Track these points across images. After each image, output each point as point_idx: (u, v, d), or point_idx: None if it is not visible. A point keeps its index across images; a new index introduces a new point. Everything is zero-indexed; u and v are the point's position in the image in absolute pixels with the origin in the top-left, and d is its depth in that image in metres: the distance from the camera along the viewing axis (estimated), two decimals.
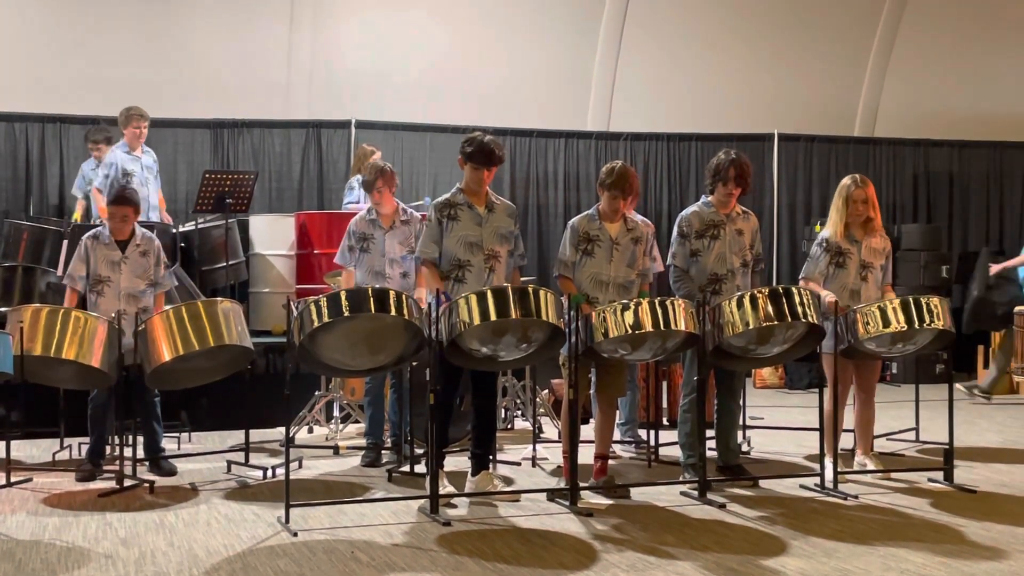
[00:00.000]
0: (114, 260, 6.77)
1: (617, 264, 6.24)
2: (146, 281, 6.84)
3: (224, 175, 9.29)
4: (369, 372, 6.41)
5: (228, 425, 8.27)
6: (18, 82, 10.94)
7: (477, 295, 5.56)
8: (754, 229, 6.65)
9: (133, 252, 6.82)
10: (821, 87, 13.29)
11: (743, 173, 6.46)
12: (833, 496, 6.15)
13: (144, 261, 6.84)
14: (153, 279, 6.87)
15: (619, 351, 6.04)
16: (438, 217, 6.12)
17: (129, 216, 6.81)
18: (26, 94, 10.92)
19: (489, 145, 6.08)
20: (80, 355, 6.12)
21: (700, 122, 12.93)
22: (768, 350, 6.28)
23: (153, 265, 6.87)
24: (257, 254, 9.75)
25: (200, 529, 5.44)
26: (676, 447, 6.69)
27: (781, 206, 13.15)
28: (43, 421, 7.78)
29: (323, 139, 11.87)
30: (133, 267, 6.80)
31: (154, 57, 11.21)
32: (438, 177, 11.93)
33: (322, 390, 8.31)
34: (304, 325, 5.53)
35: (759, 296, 5.97)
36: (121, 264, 6.78)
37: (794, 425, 8.48)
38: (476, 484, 6.10)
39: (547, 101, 12.56)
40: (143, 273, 6.83)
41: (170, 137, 11.43)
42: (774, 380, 11.63)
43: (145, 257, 6.85)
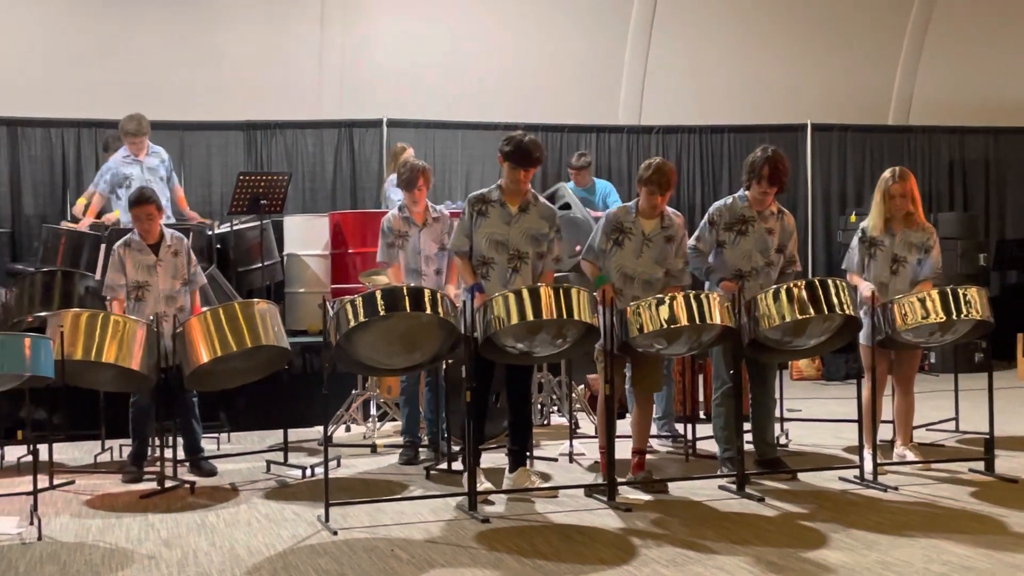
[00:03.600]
0: (149, 264, 6.83)
1: (645, 260, 6.22)
2: (181, 281, 6.90)
3: (258, 176, 9.34)
4: (405, 370, 6.43)
5: (266, 425, 8.32)
6: (54, 88, 11.05)
7: (514, 294, 5.57)
8: (788, 230, 6.58)
9: (166, 254, 6.88)
10: (854, 76, 13.19)
11: (777, 171, 6.38)
12: (873, 488, 6.12)
13: (177, 261, 6.90)
14: (187, 277, 6.93)
15: (654, 346, 6.04)
16: (470, 211, 6.13)
17: (154, 214, 6.85)
18: (62, 100, 11.02)
19: (527, 145, 6.05)
20: (120, 358, 6.17)
21: (732, 114, 12.87)
22: (805, 342, 6.25)
23: (185, 264, 6.93)
24: (292, 254, 9.80)
25: (241, 529, 5.48)
26: (713, 441, 6.67)
27: (815, 197, 13.07)
28: (84, 424, 7.85)
29: (355, 138, 11.92)
30: (168, 268, 6.86)
31: (187, 60, 11.29)
32: (470, 174, 11.95)
33: (359, 389, 8.35)
34: (340, 324, 5.55)
35: (795, 289, 5.94)
36: (156, 267, 6.84)
37: (832, 417, 8.43)
38: (514, 481, 6.11)
39: (578, 95, 12.55)
40: (178, 273, 6.89)
41: (203, 140, 11.52)
42: (811, 372, 11.57)
43: (177, 257, 6.91)
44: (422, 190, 7.09)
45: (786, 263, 6.58)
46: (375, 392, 8.29)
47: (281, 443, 7.06)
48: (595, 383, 8.44)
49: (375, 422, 8.31)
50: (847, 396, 8.89)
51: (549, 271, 6.23)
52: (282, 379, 7.02)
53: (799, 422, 8.24)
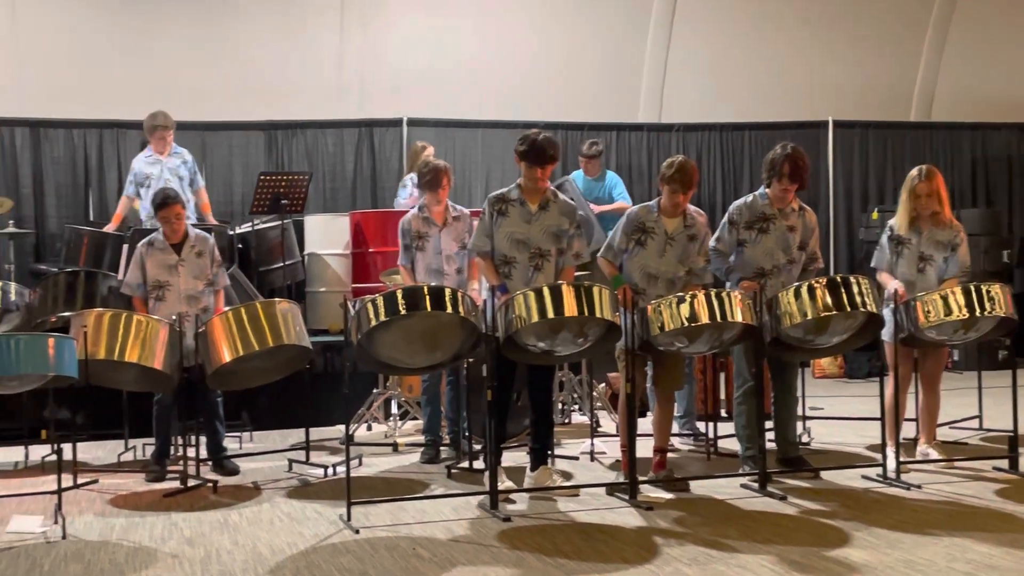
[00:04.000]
0: (170, 264, 6.86)
1: (668, 259, 6.21)
2: (204, 281, 6.93)
3: (279, 177, 9.38)
4: (426, 369, 6.44)
5: (288, 424, 8.36)
6: (75, 89, 11.11)
7: (534, 292, 5.58)
8: (810, 227, 6.54)
9: (189, 254, 6.90)
10: (876, 72, 13.14)
11: (798, 169, 6.35)
12: (896, 486, 6.09)
13: (200, 262, 6.93)
14: (211, 278, 6.96)
15: (676, 344, 6.03)
16: (490, 211, 6.13)
17: (180, 214, 6.89)
18: (83, 101, 11.09)
19: (542, 143, 6.05)
20: (142, 358, 6.21)
21: (753, 111, 12.84)
22: (827, 340, 6.23)
23: (209, 264, 6.95)
24: (313, 254, 9.83)
25: (264, 528, 5.51)
26: (735, 439, 6.65)
27: (837, 194, 13.03)
28: (108, 423, 7.90)
29: (375, 138, 11.94)
30: (190, 268, 6.89)
31: (207, 61, 11.34)
32: (490, 173, 11.96)
33: (380, 388, 8.37)
34: (361, 324, 5.57)
35: (817, 286, 5.93)
36: (178, 267, 6.87)
37: (854, 415, 8.40)
38: (535, 479, 6.12)
39: (598, 94, 12.54)
40: (200, 273, 6.92)
41: (225, 140, 11.56)
42: (833, 370, 11.53)
43: (201, 258, 6.93)
44: (446, 189, 7.10)
45: (808, 260, 6.56)
46: (396, 391, 8.31)
47: (303, 442, 7.08)
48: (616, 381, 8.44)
49: (396, 421, 8.33)
50: (869, 394, 8.86)
51: (570, 267, 6.23)
52: (304, 378, 7.04)
53: (821, 420, 8.22)
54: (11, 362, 5.36)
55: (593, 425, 7.55)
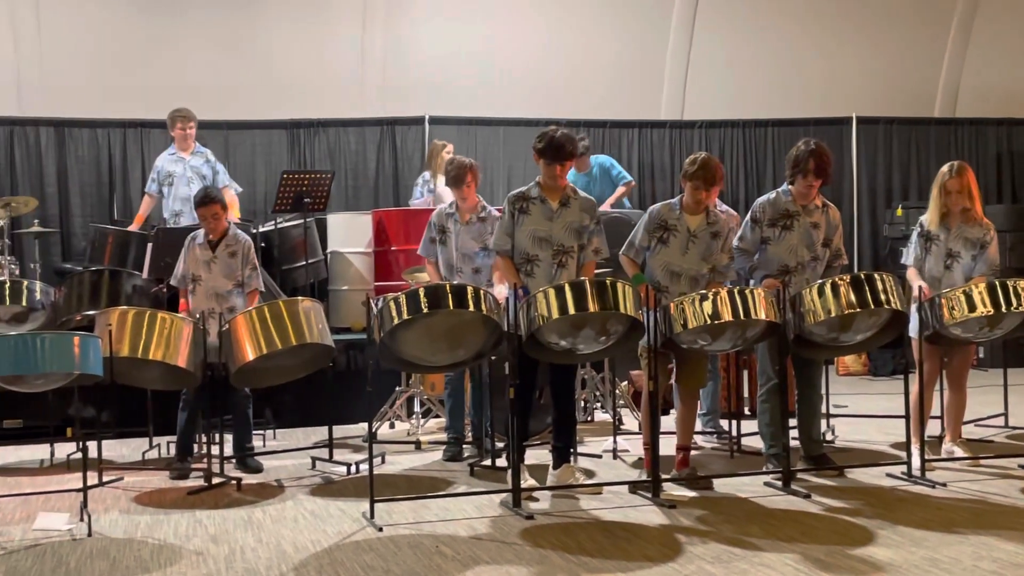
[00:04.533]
0: (205, 259, 6.94)
1: (691, 256, 6.18)
2: (233, 282, 6.96)
3: (302, 175, 9.41)
4: (449, 367, 6.45)
5: (311, 422, 8.39)
6: (99, 89, 11.19)
7: (555, 289, 5.57)
8: (833, 223, 6.51)
9: (222, 252, 6.96)
10: (899, 67, 13.06)
11: (823, 164, 6.32)
12: (921, 484, 6.06)
13: (232, 262, 6.97)
14: (241, 279, 6.99)
15: (698, 342, 6.01)
16: (510, 210, 6.13)
17: (219, 214, 6.94)
18: (107, 101, 11.16)
19: (560, 140, 6.05)
20: (166, 356, 6.24)
21: (776, 107, 12.79)
22: (851, 337, 6.20)
23: (240, 266, 6.99)
24: (335, 252, 9.86)
25: (287, 525, 5.53)
26: (758, 437, 6.63)
27: (861, 190, 12.97)
28: (132, 421, 7.94)
29: (397, 136, 11.97)
30: (221, 267, 6.94)
31: (230, 61, 11.39)
32: (512, 171, 11.97)
33: (402, 386, 8.38)
34: (384, 322, 5.58)
35: (840, 283, 5.90)
36: (211, 264, 6.93)
37: (879, 413, 8.37)
38: (558, 477, 6.12)
39: (620, 91, 12.52)
40: (230, 273, 6.96)
41: (248, 139, 11.62)
42: (857, 367, 11.48)
43: (233, 258, 6.97)
44: (471, 187, 7.09)
45: (832, 257, 6.53)
46: (419, 389, 8.32)
47: (326, 440, 7.10)
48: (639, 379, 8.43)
49: (419, 419, 8.34)
50: (894, 392, 8.82)
51: (591, 262, 6.21)
52: (327, 376, 7.08)
53: (845, 418, 8.18)
54: (37, 360, 5.39)
55: (616, 423, 7.54)
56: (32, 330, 6.99)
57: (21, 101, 11.18)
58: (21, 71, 11.16)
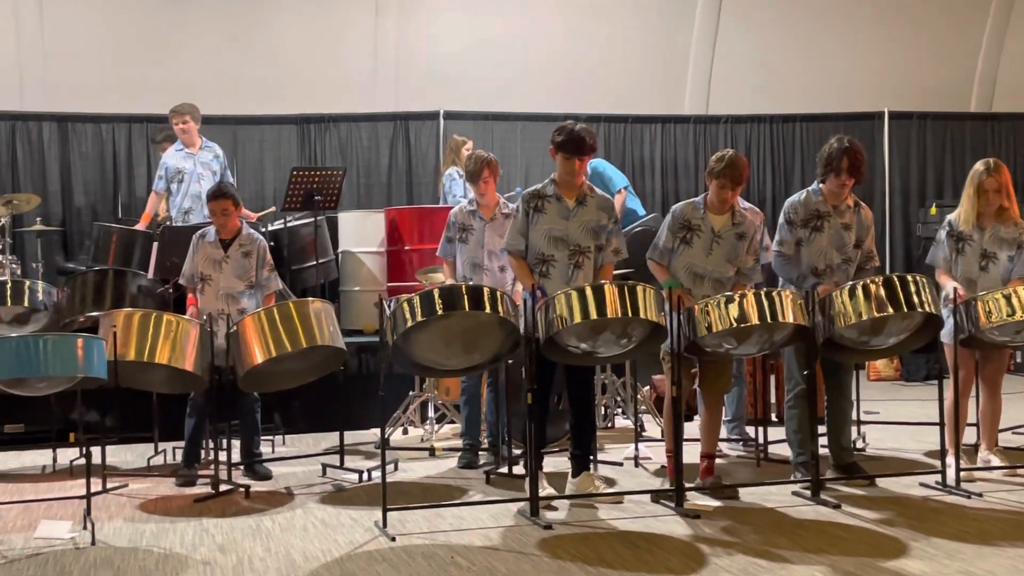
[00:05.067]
0: (216, 259, 6.94)
1: (715, 257, 6.17)
2: (246, 283, 6.97)
3: (312, 172, 9.43)
4: (464, 371, 6.46)
5: (322, 427, 8.40)
6: (104, 83, 11.25)
7: (576, 291, 5.57)
8: (865, 225, 6.47)
9: (235, 252, 6.97)
10: (934, 60, 13.01)
11: (856, 163, 6.28)
12: (955, 494, 6.04)
13: (245, 262, 6.98)
14: (255, 281, 7.00)
15: (724, 345, 6.00)
16: (525, 208, 6.12)
17: (229, 210, 6.96)
18: (112, 95, 11.23)
19: (580, 133, 6.05)
20: (173, 359, 6.26)
21: (805, 102, 12.77)
22: (883, 341, 6.18)
23: (255, 267, 7.00)
24: (347, 252, 9.87)
25: (297, 534, 5.54)
26: (786, 445, 6.62)
27: (893, 189, 12.93)
28: (137, 426, 7.96)
29: (411, 131, 12.00)
30: (233, 267, 6.95)
31: (238, 54, 11.44)
32: (530, 167, 11.97)
33: (416, 390, 8.40)
34: (397, 324, 5.59)
35: (872, 285, 5.88)
36: (222, 263, 6.94)
37: (912, 420, 8.34)
38: (577, 486, 6.12)
39: (642, 84, 12.52)
40: (243, 274, 6.97)
41: (256, 134, 11.67)
42: (889, 372, 11.44)
43: (247, 258, 6.98)
44: (488, 183, 7.11)
45: (864, 259, 6.50)
46: (433, 394, 8.33)
47: (337, 446, 7.12)
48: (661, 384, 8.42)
49: (433, 425, 8.35)
50: (927, 398, 8.79)
51: (609, 264, 6.21)
52: (338, 380, 7.08)
53: (877, 425, 8.16)
54: (39, 363, 5.42)
55: (637, 429, 7.53)
56: (34, 332, 7.03)
57: (23, 95, 11.25)
58: (23, 64, 11.23)
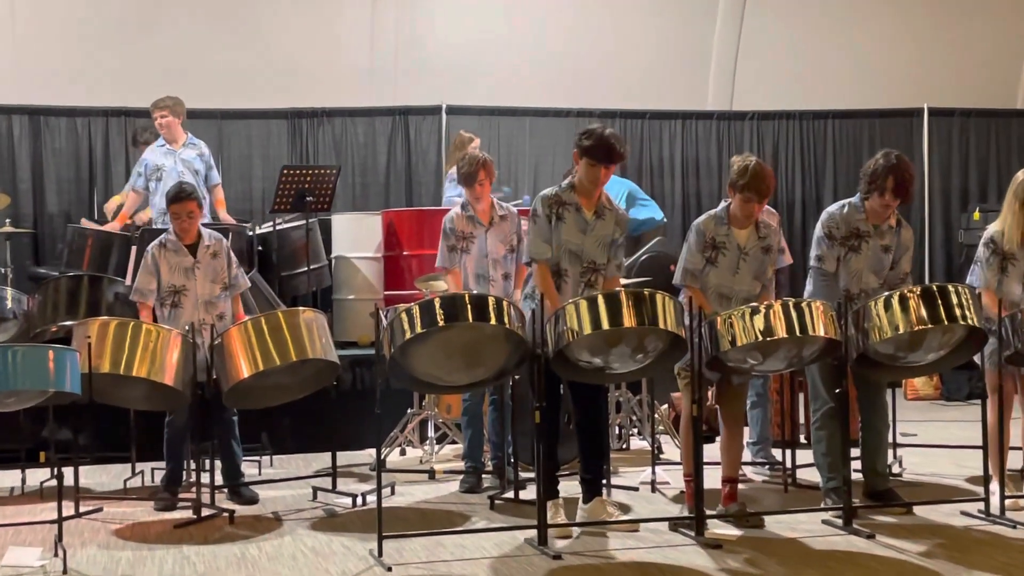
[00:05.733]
0: (187, 267, 6.93)
1: (743, 276, 6.15)
2: (220, 285, 6.98)
3: (304, 171, 9.44)
4: (467, 388, 6.45)
5: (313, 448, 8.40)
6: (79, 73, 11.25)
7: (587, 301, 5.57)
8: (904, 246, 6.43)
9: (204, 255, 6.97)
10: (977, 52, 13.00)
11: (904, 183, 6.22)
12: (1000, 524, 6.03)
13: (216, 263, 6.99)
14: (228, 281, 7.02)
15: (748, 361, 6.00)
16: (547, 213, 6.08)
17: (194, 212, 6.96)
18: (88, 86, 11.24)
19: (610, 139, 6.00)
20: (152, 372, 6.26)
21: (837, 97, 12.76)
22: (921, 357, 6.17)
23: (225, 266, 7.01)
24: (341, 257, 9.89)
25: (285, 564, 5.54)
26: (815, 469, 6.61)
27: (933, 192, 12.91)
28: (113, 445, 7.97)
29: (411, 127, 12.00)
30: (206, 271, 6.95)
31: (224, 42, 11.45)
32: (539, 166, 11.95)
33: (415, 408, 8.40)
34: (395, 336, 5.59)
35: (910, 296, 5.86)
36: (194, 270, 6.93)
37: (953, 443, 8.32)
38: (588, 512, 6.11)
39: (660, 77, 12.51)
40: (217, 276, 6.98)
41: (243, 129, 11.68)
42: (928, 391, 11.42)
43: (216, 259, 6.99)
44: (484, 185, 7.11)
45: (896, 281, 6.41)
46: (433, 412, 8.33)
47: (329, 468, 7.12)
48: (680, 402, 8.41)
49: (433, 445, 8.35)
50: (970, 419, 8.78)
51: (615, 277, 6.21)
52: (330, 396, 7.08)
53: (914, 448, 8.14)
54: (7, 376, 5.43)
55: (654, 451, 7.53)
56: (2, 343, 7.04)
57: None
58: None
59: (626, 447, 8.54)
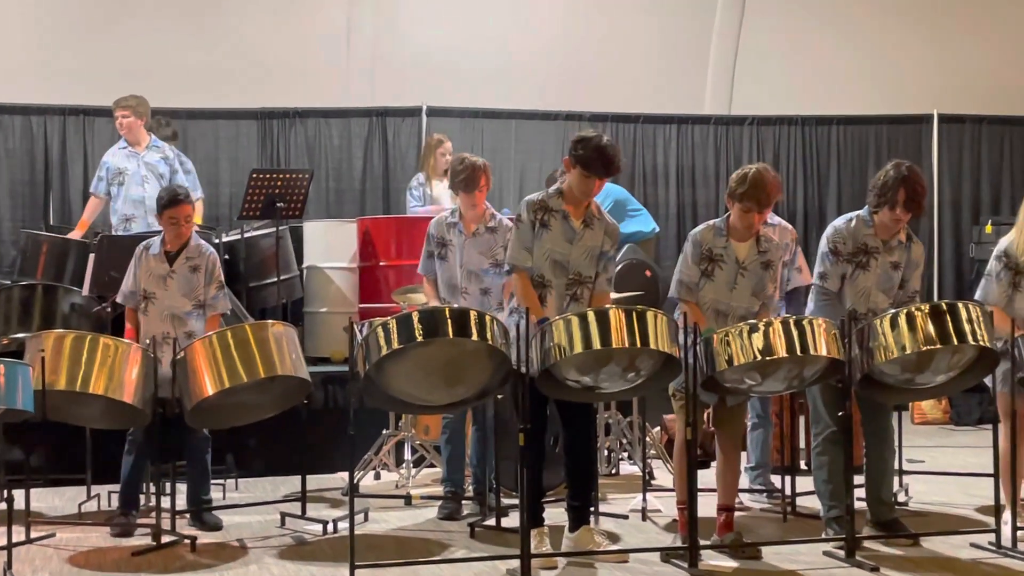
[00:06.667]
0: (160, 274, 6.91)
1: (741, 292, 6.15)
2: (193, 301, 6.95)
3: (274, 175, 9.43)
4: (446, 408, 6.46)
5: (281, 470, 8.38)
6: (36, 69, 11.23)
7: (578, 317, 5.58)
8: (914, 263, 6.44)
9: (182, 266, 6.95)
10: (990, 56, 13.04)
11: (915, 196, 6.23)
12: (1012, 557, 6.04)
13: (193, 278, 6.96)
14: (203, 299, 7.00)
15: (746, 381, 6.01)
16: (531, 219, 6.08)
17: (191, 217, 6.98)
18: (45, 83, 11.20)
19: (609, 151, 5.98)
20: (110, 389, 6.24)
21: (842, 102, 12.80)
22: (929, 379, 6.19)
23: (204, 284, 6.99)
24: (313, 267, 9.87)
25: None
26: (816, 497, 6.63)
27: (943, 202, 12.95)
28: (67, 467, 7.95)
29: (389, 129, 12.01)
30: (180, 283, 6.93)
31: (191, 38, 11.44)
32: (525, 172, 11.94)
33: (391, 429, 8.39)
34: (370, 352, 5.59)
35: (918, 314, 5.89)
36: (167, 279, 6.91)
37: (962, 470, 8.35)
38: (575, 542, 6.11)
39: (655, 80, 12.54)
40: (190, 291, 6.95)
41: (210, 130, 11.67)
42: (937, 415, 11.45)
43: (196, 273, 6.97)
44: (483, 191, 7.11)
45: (905, 299, 6.41)
46: (410, 433, 8.33)
47: (298, 492, 7.10)
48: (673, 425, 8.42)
49: (410, 469, 8.34)
50: (981, 444, 8.81)
51: (605, 293, 6.22)
52: (300, 416, 7.07)
53: (922, 475, 8.16)
54: None
55: (645, 477, 7.53)
56: None
57: None
58: None
59: (615, 472, 8.54)
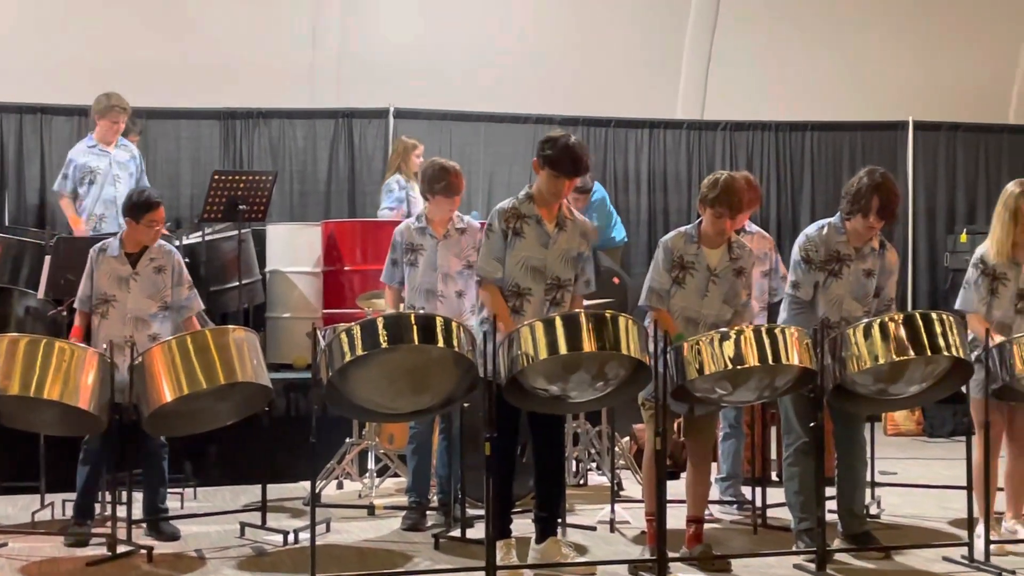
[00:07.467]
0: (122, 276, 6.86)
1: (712, 299, 6.17)
2: (158, 303, 6.91)
3: (237, 176, 9.40)
4: (412, 416, 6.44)
5: (241, 479, 8.36)
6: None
7: (544, 323, 5.58)
8: (888, 270, 6.47)
9: (146, 267, 6.90)
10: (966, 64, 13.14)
11: (890, 203, 6.25)
12: (984, 571, 6.07)
13: (158, 279, 6.92)
14: (171, 301, 6.95)
15: (717, 391, 6.02)
16: (503, 228, 6.08)
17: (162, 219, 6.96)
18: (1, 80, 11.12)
19: (576, 149, 6.00)
20: (64, 395, 6.20)
21: (816, 108, 12.86)
22: (902, 389, 6.22)
23: (172, 285, 6.94)
24: (276, 271, 9.85)
25: None
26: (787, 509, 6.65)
27: (917, 211, 13.03)
28: (20, 474, 7.91)
29: (355, 131, 11.98)
30: (144, 285, 6.88)
31: (151, 35, 11.39)
32: (494, 176, 11.94)
33: (354, 437, 8.37)
34: (333, 358, 5.58)
35: (891, 323, 5.91)
36: (130, 281, 6.87)
37: (935, 482, 8.38)
38: (542, 553, 6.11)
39: (627, 83, 12.57)
40: (155, 293, 6.91)
41: (172, 130, 11.61)
42: (910, 426, 11.50)
43: (160, 274, 6.93)
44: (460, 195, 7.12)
45: (881, 308, 6.45)
46: (374, 441, 8.31)
47: (258, 502, 7.07)
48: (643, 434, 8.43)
49: (373, 478, 8.33)
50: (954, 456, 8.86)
51: (580, 296, 6.23)
52: (261, 424, 7.05)
53: (894, 488, 8.19)
54: None
55: (614, 488, 7.54)
56: None
57: None
58: None
59: (583, 483, 8.54)
